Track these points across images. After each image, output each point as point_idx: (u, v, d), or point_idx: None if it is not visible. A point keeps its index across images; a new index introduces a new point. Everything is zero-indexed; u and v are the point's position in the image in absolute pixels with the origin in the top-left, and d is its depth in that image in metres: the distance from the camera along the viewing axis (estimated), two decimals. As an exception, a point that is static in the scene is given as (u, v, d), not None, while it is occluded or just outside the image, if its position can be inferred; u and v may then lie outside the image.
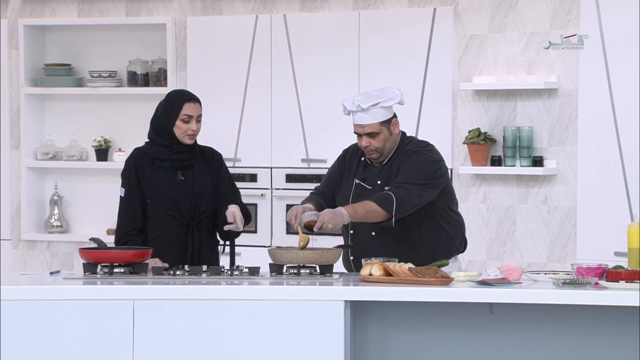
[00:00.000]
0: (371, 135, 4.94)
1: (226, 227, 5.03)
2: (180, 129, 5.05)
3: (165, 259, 5.00)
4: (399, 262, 4.73)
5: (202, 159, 5.16)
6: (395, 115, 5.03)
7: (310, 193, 5.18)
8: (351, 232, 5.04)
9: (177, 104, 5.06)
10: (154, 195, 5.07)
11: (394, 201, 4.80)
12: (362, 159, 5.08)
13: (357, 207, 4.84)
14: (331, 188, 5.13)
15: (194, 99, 5.10)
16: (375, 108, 4.92)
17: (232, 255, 5.21)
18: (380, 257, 4.80)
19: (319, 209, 5.01)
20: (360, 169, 5.06)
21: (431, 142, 5.12)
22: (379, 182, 4.99)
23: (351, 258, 5.03)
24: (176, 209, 5.06)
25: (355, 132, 5.01)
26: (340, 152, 5.22)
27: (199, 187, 5.11)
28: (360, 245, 4.99)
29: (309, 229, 4.84)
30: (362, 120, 4.95)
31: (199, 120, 5.09)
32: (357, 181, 5.02)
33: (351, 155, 5.13)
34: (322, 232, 5.02)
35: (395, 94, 4.95)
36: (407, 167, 4.92)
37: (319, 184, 5.24)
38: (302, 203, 5.07)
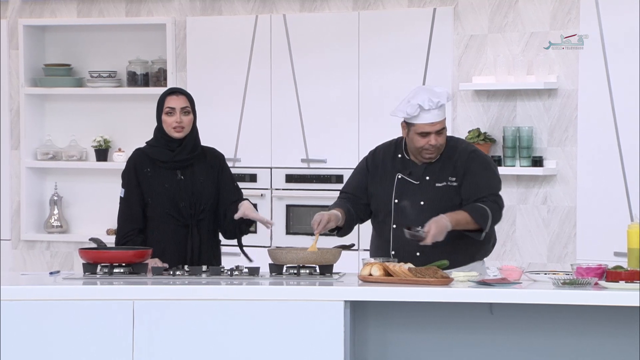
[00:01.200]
0: (440, 132, 4.94)
1: (266, 225, 5.02)
2: (166, 123, 5.07)
3: (165, 258, 5.00)
4: (398, 261, 4.73)
5: (203, 159, 5.16)
6: None
7: (339, 196, 5.15)
8: (394, 226, 5.00)
9: (161, 100, 5.10)
10: (154, 194, 5.07)
11: (489, 217, 4.88)
12: (399, 155, 5.04)
13: (458, 215, 4.85)
14: (361, 190, 5.09)
15: (176, 92, 5.11)
16: (444, 104, 4.96)
17: (242, 249, 5.19)
18: (422, 253, 4.80)
19: (347, 216, 5.01)
20: (398, 165, 5.02)
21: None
22: (427, 177, 4.97)
23: (392, 252, 4.99)
24: (175, 208, 5.06)
25: (421, 132, 4.93)
26: (367, 154, 5.16)
27: (199, 186, 5.11)
28: (404, 240, 4.96)
29: (415, 239, 4.81)
30: (435, 118, 4.92)
31: (186, 113, 5.08)
32: (401, 176, 5.00)
33: (383, 154, 5.09)
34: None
35: (446, 91, 4.99)
36: (481, 174, 4.95)
37: (342, 187, 5.19)
38: (330, 208, 5.06)
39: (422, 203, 4.95)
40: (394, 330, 4.57)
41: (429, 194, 4.97)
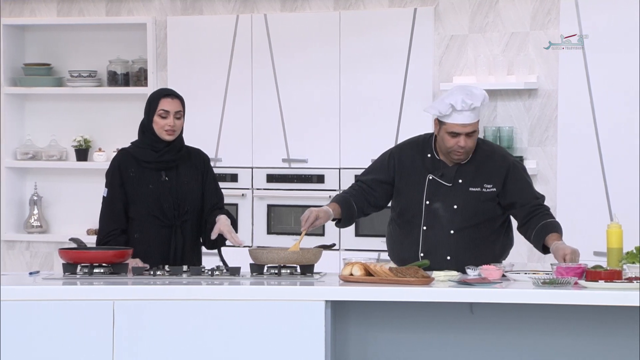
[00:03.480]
0: (470, 134, 4.89)
1: (234, 243, 5.02)
2: (157, 124, 5.04)
3: (149, 259, 4.98)
4: (378, 261, 4.74)
5: (188, 160, 5.15)
6: None
7: (353, 183, 5.09)
8: (424, 228, 4.97)
9: (154, 100, 5.06)
10: (138, 195, 5.06)
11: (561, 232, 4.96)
12: (429, 155, 4.99)
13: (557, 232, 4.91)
14: (377, 183, 5.01)
15: (172, 94, 5.09)
16: (478, 107, 4.91)
17: (223, 259, 5.19)
18: (453, 256, 4.81)
19: (346, 211, 4.98)
20: (429, 165, 4.97)
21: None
22: (460, 180, 4.94)
23: (421, 255, 4.96)
24: (159, 209, 5.05)
25: (449, 132, 4.88)
26: (392, 148, 5.09)
27: (184, 187, 5.10)
28: (434, 243, 4.95)
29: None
30: (469, 119, 4.87)
31: (178, 117, 5.07)
32: (432, 177, 4.97)
33: (411, 152, 5.02)
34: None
35: (484, 93, 4.94)
36: (527, 184, 4.99)
37: (360, 175, 5.12)
38: (332, 200, 5.01)
39: (455, 207, 4.92)
40: (375, 330, 4.57)
41: (463, 198, 4.93)
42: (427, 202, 4.95)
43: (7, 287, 4.59)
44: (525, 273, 4.66)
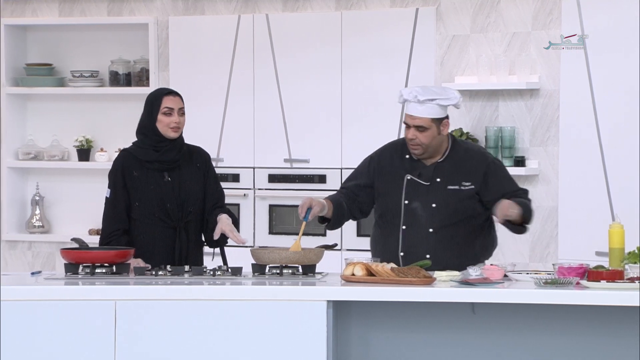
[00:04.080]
0: (419, 129, 4.92)
1: (236, 242, 5.03)
2: (162, 123, 5.04)
3: (153, 260, 4.98)
4: (381, 261, 4.74)
5: (189, 160, 5.15)
6: (447, 117, 5.00)
7: (338, 190, 5.14)
8: (403, 227, 5.00)
9: (156, 99, 5.07)
10: (141, 196, 5.06)
11: (533, 214, 4.97)
12: (407, 156, 5.03)
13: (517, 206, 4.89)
14: (359, 187, 5.06)
15: (173, 92, 5.11)
16: (431, 103, 4.92)
17: (224, 258, 5.20)
18: (432, 255, 4.82)
19: (337, 209, 5.00)
20: (407, 165, 5.01)
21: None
22: (438, 179, 4.97)
23: (401, 254, 4.99)
24: (163, 211, 5.05)
25: (404, 122, 4.98)
26: (373, 152, 5.14)
27: (186, 188, 5.10)
28: (414, 242, 4.97)
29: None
30: (414, 112, 4.93)
31: (181, 114, 5.08)
32: (410, 177, 4.99)
33: (390, 153, 5.07)
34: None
35: (454, 95, 4.97)
36: (502, 176, 5.01)
37: (343, 181, 5.17)
38: (331, 196, 5.06)
39: (433, 205, 4.94)
40: (377, 330, 4.57)
41: (441, 196, 4.95)
42: (406, 202, 4.97)
43: (9, 287, 4.59)
44: (527, 273, 4.66)
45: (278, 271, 4.78)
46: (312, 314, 4.41)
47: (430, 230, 4.95)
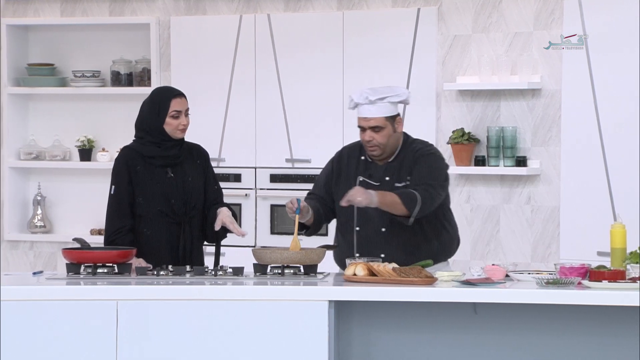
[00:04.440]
0: (375, 129, 4.95)
1: (237, 233, 5.03)
2: (171, 125, 5.07)
3: (158, 255, 5.00)
4: (383, 262, 4.74)
5: (190, 156, 5.18)
6: (399, 114, 5.04)
7: (306, 197, 5.16)
8: (357, 228, 5.01)
9: (164, 101, 5.07)
10: (146, 192, 5.07)
11: (418, 202, 4.85)
12: (362, 157, 5.06)
13: (386, 196, 4.85)
14: (328, 190, 5.11)
15: (180, 94, 5.13)
16: (382, 102, 4.95)
17: (217, 255, 5.21)
18: (386, 255, 4.81)
19: (316, 215, 5.04)
20: (361, 167, 5.05)
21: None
22: (387, 178, 4.99)
23: (357, 255, 4.99)
24: (168, 206, 5.07)
25: (359, 126, 5.01)
26: (333, 155, 5.19)
27: (189, 184, 5.13)
28: (367, 242, 4.98)
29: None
30: (368, 113, 4.96)
31: (187, 114, 5.11)
32: (362, 178, 5.01)
33: (348, 154, 5.12)
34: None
35: (402, 91, 5.01)
36: (424, 168, 4.96)
37: (311, 188, 5.20)
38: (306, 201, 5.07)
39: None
40: (378, 330, 4.57)
41: None
42: None
43: (11, 287, 4.59)
44: (529, 273, 4.66)
45: (280, 271, 4.78)
46: (313, 314, 4.41)
47: (383, 229, 4.98)
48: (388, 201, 4.83)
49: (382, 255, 4.90)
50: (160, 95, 5.12)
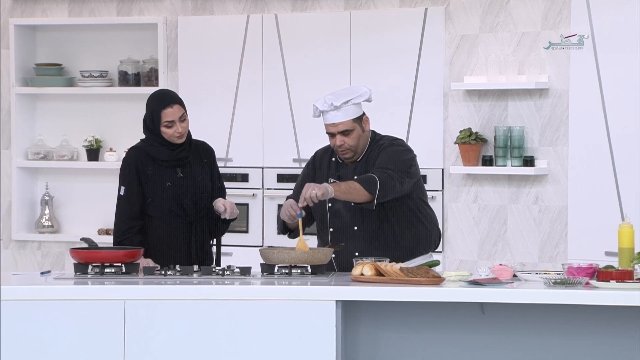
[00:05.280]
0: (345, 133, 4.98)
1: (224, 215, 5.04)
2: (166, 134, 5.08)
3: (170, 255, 5.01)
4: (390, 261, 4.73)
5: (197, 156, 5.18)
6: (364, 113, 5.04)
7: (288, 199, 5.17)
8: (331, 229, 5.03)
9: (156, 111, 5.07)
10: (157, 193, 5.08)
11: (377, 183, 4.82)
12: (333, 159, 5.09)
13: (341, 184, 4.87)
14: None
15: (170, 103, 5.08)
16: (347, 105, 4.98)
17: (218, 254, 5.21)
18: (361, 252, 4.83)
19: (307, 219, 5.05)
20: (332, 168, 5.08)
21: (409, 142, 5.19)
22: (355, 177, 4.99)
23: (333, 255, 5.02)
24: (179, 206, 5.07)
25: (327, 132, 5.04)
26: (309, 159, 5.22)
27: (199, 183, 5.13)
28: (341, 241, 5.00)
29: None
30: (335, 119, 4.98)
31: (183, 120, 5.09)
32: (332, 180, 5.03)
33: (321, 157, 5.15)
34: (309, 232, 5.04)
35: (363, 90, 5.02)
36: (384, 155, 4.96)
37: (290, 193, 5.21)
38: (280, 207, 5.09)
39: (352, 203, 4.95)
40: (386, 330, 4.57)
41: None
42: (330, 205, 5.02)
43: (19, 287, 4.60)
44: (537, 273, 4.66)
45: (287, 271, 4.78)
46: (321, 314, 4.41)
47: (355, 228, 4.99)
48: (343, 188, 4.82)
49: (357, 254, 4.90)
50: (153, 103, 5.11)
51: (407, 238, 5.00)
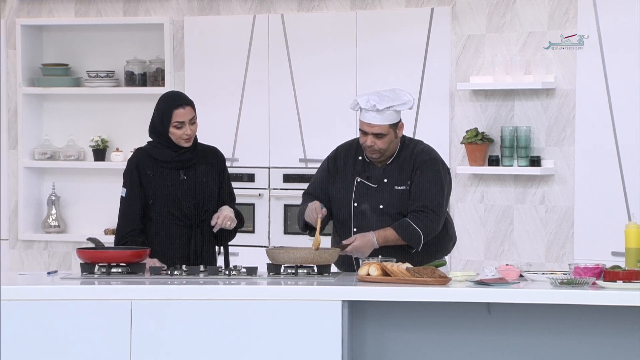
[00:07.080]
0: (378, 136, 4.96)
1: (215, 229, 5.04)
2: (174, 135, 5.05)
3: (169, 258, 5.00)
4: (396, 261, 4.73)
5: (204, 159, 5.16)
6: (401, 119, 5.04)
7: (303, 197, 5.16)
8: (355, 230, 5.01)
9: (167, 111, 5.05)
10: (157, 195, 5.07)
11: (421, 239, 4.91)
12: (360, 157, 5.07)
13: (387, 235, 4.89)
14: (324, 190, 5.10)
15: (183, 104, 5.07)
16: (388, 110, 4.94)
17: (227, 257, 5.21)
18: (384, 255, 4.83)
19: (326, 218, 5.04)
20: (359, 167, 5.05)
21: (429, 143, 5.17)
22: (385, 180, 4.99)
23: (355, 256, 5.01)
24: (179, 209, 5.06)
25: (360, 129, 5.01)
26: (329, 154, 5.19)
27: (202, 187, 5.11)
28: None
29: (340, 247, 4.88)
30: (373, 120, 4.95)
31: (193, 123, 5.07)
32: (360, 179, 5.01)
33: (345, 155, 5.12)
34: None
35: (408, 99, 4.99)
36: (424, 182, 4.96)
37: (307, 187, 5.20)
38: (301, 206, 5.07)
39: (381, 207, 4.97)
40: (392, 330, 4.57)
41: (388, 198, 4.98)
42: (355, 204, 5.01)
43: (25, 287, 4.61)
44: (543, 273, 4.65)
45: (293, 271, 4.78)
46: (327, 314, 4.41)
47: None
48: (390, 238, 4.89)
49: (380, 256, 4.90)
50: (165, 103, 5.09)
51: (430, 242, 5.00)
